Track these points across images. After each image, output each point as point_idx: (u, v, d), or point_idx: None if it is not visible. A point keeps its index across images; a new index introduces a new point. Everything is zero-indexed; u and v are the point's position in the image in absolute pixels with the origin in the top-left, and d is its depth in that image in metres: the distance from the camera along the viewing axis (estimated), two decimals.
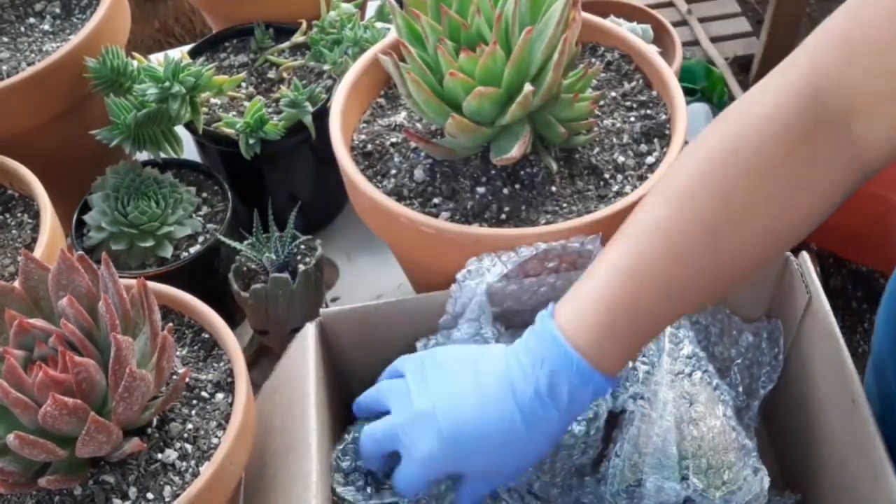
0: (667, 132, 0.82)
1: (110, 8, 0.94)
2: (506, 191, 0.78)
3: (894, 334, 0.75)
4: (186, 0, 1.11)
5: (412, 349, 0.73)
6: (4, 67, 0.93)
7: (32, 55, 0.94)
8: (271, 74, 0.99)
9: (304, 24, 0.99)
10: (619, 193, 0.78)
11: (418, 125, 0.84)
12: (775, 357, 0.77)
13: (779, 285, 0.76)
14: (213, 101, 0.95)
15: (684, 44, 1.23)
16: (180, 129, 0.92)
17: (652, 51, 0.87)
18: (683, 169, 0.62)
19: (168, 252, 0.86)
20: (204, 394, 0.68)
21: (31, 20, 0.99)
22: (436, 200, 0.78)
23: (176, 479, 0.63)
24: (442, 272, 0.73)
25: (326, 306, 0.83)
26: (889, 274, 0.76)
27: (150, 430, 0.66)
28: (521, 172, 0.79)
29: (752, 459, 0.69)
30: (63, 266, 0.64)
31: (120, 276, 0.65)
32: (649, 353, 0.70)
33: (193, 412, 0.67)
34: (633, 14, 1.13)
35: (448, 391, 0.64)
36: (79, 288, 0.64)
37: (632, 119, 0.83)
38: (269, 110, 0.93)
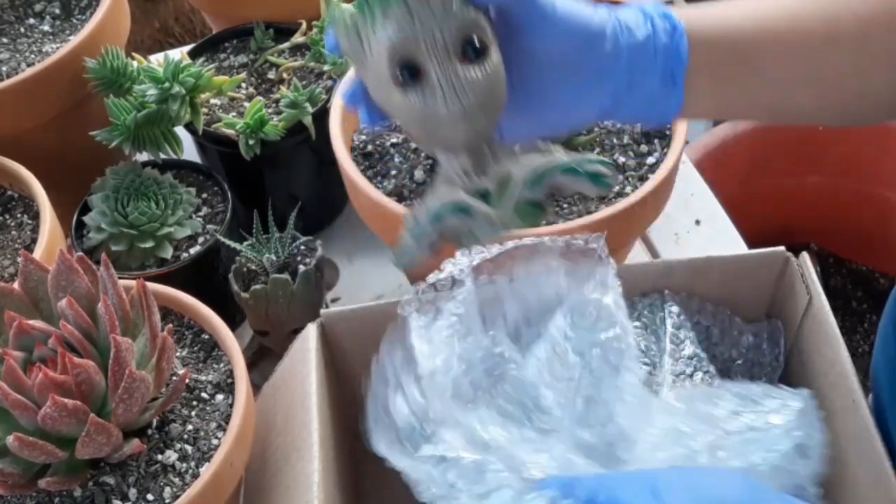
0: (667, 132, 0.82)
1: (110, 8, 0.94)
2: None
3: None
4: (186, 0, 1.11)
5: None
6: (4, 68, 0.92)
7: (32, 56, 0.94)
8: (271, 75, 0.99)
9: (304, 25, 0.99)
10: (620, 194, 0.78)
11: None
12: (776, 358, 0.76)
13: (779, 286, 0.76)
14: (212, 101, 0.95)
15: None
16: (180, 130, 0.91)
17: None
18: None
19: (168, 253, 0.86)
20: (204, 395, 0.68)
21: (31, 21, 0.99)
22: None
23: (176, 480, 0.63)
24: None
25: (327, 307, 0.83)
26: (890, 274, 0.76)
27: (149, 432, 0.65)
28: None
29: None
30: (62, 267, 0.63)
31: (120, 277, 0.64)
32: (651, 354, 0.70)
33: (193, 413, 0.67)
34: None
35: None
36: (78, 289, 0.64)
37: None
38: (269, 111, 0.92)
